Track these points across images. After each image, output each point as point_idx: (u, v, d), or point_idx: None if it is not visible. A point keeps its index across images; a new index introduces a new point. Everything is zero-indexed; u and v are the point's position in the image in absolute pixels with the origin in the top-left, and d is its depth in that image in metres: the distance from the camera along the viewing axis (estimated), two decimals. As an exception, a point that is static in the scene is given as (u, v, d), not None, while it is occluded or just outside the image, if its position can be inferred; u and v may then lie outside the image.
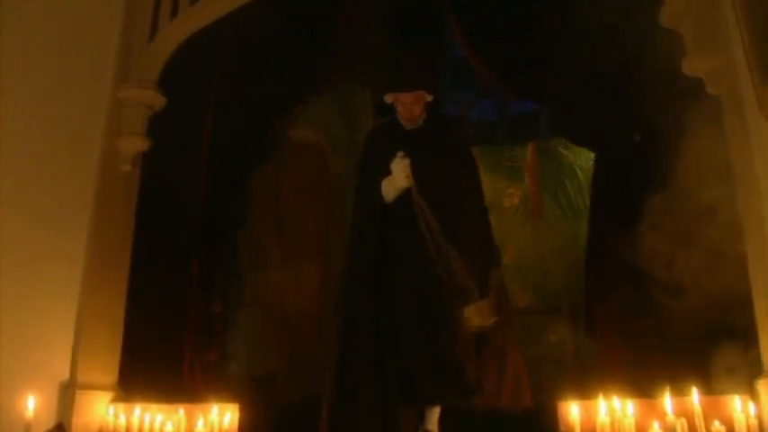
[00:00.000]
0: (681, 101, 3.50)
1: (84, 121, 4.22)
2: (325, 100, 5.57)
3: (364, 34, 5.19)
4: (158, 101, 4.41)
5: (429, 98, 3.63)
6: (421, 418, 3.36)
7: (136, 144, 4.34)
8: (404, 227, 3.43)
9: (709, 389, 3.06)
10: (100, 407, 3.82)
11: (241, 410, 3.76)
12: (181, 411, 3.73)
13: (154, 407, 3.78)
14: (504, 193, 6.23)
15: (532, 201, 6.12)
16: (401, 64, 3.93)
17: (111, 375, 3.99)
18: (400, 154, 3.46)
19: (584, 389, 3.24)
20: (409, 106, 3.60)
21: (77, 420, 3.73)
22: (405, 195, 3.46)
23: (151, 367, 4.12)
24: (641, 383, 3.21)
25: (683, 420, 2.89)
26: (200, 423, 3.65)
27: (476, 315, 3.31)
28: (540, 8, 4.27)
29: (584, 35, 3.90)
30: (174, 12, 4.53)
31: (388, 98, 3.66)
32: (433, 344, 3.26)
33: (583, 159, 5.88)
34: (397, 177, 3.45)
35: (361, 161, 3.84)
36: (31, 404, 3.41)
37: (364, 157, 3.83)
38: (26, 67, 3.96)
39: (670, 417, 2.91)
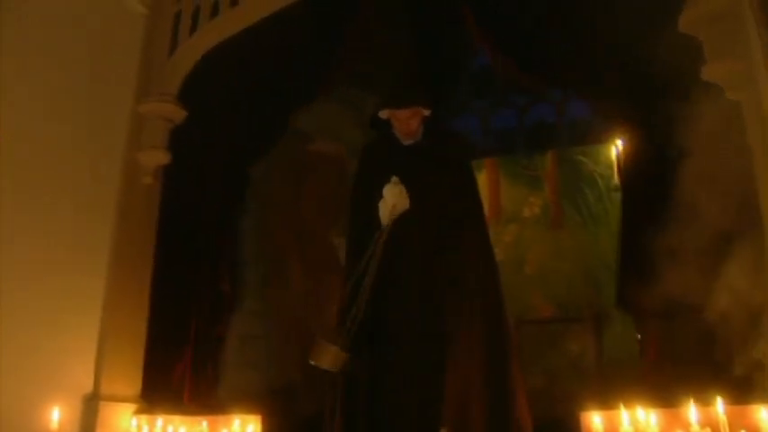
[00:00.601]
0: (699, 106, 3.46)
1: (105, 135, 4.28)
2: (339, 106, 5.60)
3: (367, 37, 5.18)
4: (179, 114, 4.47)
5: (426, 112, 3.47)
6: None
7: (157, 157, 4.40)
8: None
9: (734, 398, 3.01)
10: (123, 418, 3.86)
11: (263, 422, 3.77)
12: (204, 423, 3.75)
13: (176, 418, 3.81)
14: (524, 202, 6.22)
15: (552, 210, 6.09)
16: (397, 79, 3.80)
17: (134, 387, 4.03)
18: (394, 179, 3.35)
19: (607, 399, 3.20)
20: (406, 121, 3.45)
21: (101, 432, 3.77)
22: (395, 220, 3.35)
23: (173, 379, 4.15)
24: (667, 393, 3.17)
25: (708, 431, 2.85)
26: (222, 434, 3.67)
27: (324, 356, 3.13)
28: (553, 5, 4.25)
29: (595, 32, 3.89)
30: (194, 27, 4.61)
31: (384, 114, 3.50)
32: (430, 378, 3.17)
33: (602, 167, 5.85)
34: (389, 202, 3.32)
35: (357, 178, 3.69)
36: (56, 416, 3.43)
37: (359, 174, 3.68)
38: (48, 83, 4.00)
39: (695, 427, 2.87)
